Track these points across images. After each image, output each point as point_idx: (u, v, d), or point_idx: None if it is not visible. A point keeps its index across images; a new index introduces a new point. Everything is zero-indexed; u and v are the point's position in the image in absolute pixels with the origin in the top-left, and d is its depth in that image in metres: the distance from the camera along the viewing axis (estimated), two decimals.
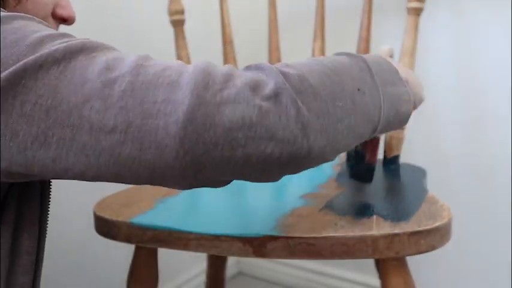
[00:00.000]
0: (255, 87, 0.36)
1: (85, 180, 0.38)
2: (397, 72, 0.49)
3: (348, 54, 0.47)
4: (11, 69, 0.34)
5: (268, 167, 0.37)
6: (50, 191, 0.50)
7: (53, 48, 0.35)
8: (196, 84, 0.34)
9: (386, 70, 0.48)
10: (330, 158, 0.42)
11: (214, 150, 0.34)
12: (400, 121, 0.50)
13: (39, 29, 0.37)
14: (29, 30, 0.36)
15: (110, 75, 0.34)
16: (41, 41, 0.35)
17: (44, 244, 0.49)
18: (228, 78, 0.36)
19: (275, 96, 0.36)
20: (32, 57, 0.34)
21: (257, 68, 0.39)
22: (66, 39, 0.37)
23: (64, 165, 0.35)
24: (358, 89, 0.43)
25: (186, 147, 0.33)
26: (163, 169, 0.35)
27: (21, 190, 0.46)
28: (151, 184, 0.38)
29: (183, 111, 0.33)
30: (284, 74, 0.38)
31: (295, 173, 0.41)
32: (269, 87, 0.36)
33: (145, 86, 0.34)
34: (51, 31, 0.37)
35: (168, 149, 0.34)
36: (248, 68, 0.40)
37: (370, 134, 0.46)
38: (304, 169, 0.40)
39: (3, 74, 0.34)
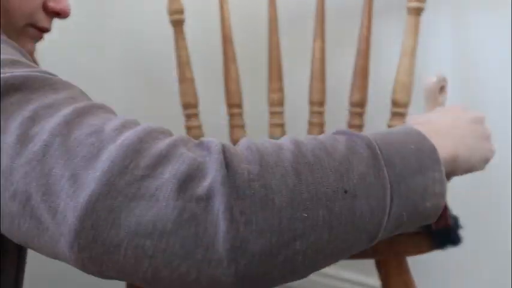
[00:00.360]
0: (186, 181, 0.28)
1: None
2: (432, 151, 0.38)
3: (350, 135, 0.36)
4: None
5: None
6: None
7: None
8: (112, 165, 0.28)
9: (409, 154, 0.36)
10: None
11: (116, 254, 0.28)
12: (422, 219, 0.39)
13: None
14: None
15: (29, 130, 0.30)
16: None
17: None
18: (159, 162, 0.29)
19: (206, 198, 0.28)
20: None
21: (206, 147, 0.31)
22: (12, 70, 0.32)
23: None
24: (345, 191, 0.32)
25: (81, 243, 0.28)
26: (61, 258, 0.31)
27: None
28: None
29: (84, 197, 0.28)
30: (231, 167, 0.29)
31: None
32: (203, 185, 0.28)
33: (59, 152, 0.29)
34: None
35: (64, 239, 0.29)
36: (198, 145, 0.32)
37: (364, 245, 0.36)
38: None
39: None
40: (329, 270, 1.23)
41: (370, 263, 1.12)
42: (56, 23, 0.89)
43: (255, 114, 1.21)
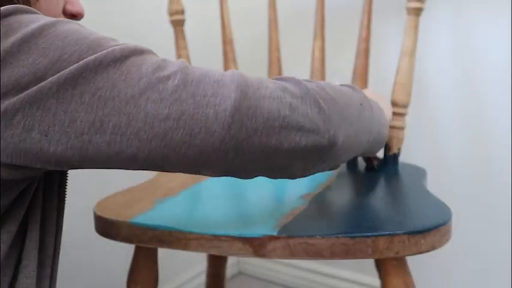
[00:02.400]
0: (283, 90, 0.43)
1: (134, 166, 0.41)
2: (377, 101, 0.61)
3: (342, 84, 0.55)
4: (74, 66, 0.38)
5: (294, 155, 0.43)
6: (67, 183, 0.53)
7: (110, 48, 0.40)
8: (239, 82, 0.41)
9: (371, 97, 0.59)
10: (344, 157, 0.49)
11: (254, 136, 0.40)
12: (381, 142, 0.62)
13: (91, 32, 0.42)
14: (85, 32, 0.41)
15: (162, 73, 0.40)
16: (99, 42, 0.40)
17: (60, 237, 0.56)
18: (261, 81, 0.43)
19: (301, 97, 0.43)
20: (92, 56, 0.39)
21: (282, 78, 0.46)
22: (119, 42, 0.42)
23: (118, 148, 0.39)
24: (361, 104, 0.52)
25: (232, 132, 0.40)
26: (209, 152, 0.40)
27: (45, 186, 0.49)
28: (192, 169, 0.42)
29: (230, 102, 0.39)
30: (307, 83, 0.45)
31: (316, 166, 0.47)
32: (295, 90, 0.44)
33: (195, 82, 0.40)
34: (103, 35, 0.43)
35: (217, 134, 0.39)
36: (275, 78, 0.46)
37: (366, 145, 0.55)
38: (324, 162, 0.47)
39: (68, 69, 0.38)
40: (329, 270, 1.23)
41: (370, 263, 1.13)
42: None
43: None
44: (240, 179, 0.66)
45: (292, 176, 0.47)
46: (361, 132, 0.51)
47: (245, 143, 0.40)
